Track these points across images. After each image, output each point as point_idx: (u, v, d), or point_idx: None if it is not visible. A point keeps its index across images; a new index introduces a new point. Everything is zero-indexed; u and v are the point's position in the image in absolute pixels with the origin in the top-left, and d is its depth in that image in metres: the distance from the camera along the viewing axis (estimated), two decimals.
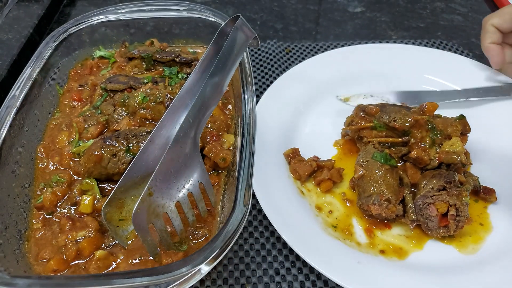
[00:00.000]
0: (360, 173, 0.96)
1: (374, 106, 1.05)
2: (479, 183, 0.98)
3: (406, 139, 1.02)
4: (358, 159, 1.01)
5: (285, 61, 1.37)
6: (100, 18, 1.14)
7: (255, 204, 0.98)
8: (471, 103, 1.18)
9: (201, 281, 0.86)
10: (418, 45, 1.42)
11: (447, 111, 1.06)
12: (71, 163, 0.92)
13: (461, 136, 0.99)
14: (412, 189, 0.97)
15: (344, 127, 1.11)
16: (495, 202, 0.97)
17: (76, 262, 0.78)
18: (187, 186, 0.75)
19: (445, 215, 0.89)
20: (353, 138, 1.10)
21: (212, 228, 0.83)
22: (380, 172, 0.94)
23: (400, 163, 1.04)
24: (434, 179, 0.92)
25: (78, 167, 0.90)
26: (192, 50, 1.22)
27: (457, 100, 1.17)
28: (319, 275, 0.88)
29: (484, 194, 0.97)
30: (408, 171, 1.00)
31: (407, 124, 1.00)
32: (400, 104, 1.11)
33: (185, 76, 1.07)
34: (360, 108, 1.08)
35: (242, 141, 0.81)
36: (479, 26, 1.05)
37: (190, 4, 1.15)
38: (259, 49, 1.41)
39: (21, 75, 0.96)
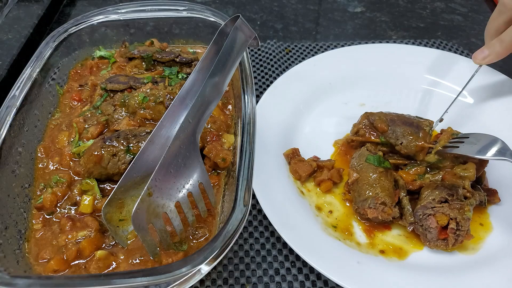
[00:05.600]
0: (354, 177, 0.95)
1: (383, 122, 1.02)
2: (485, 199, 0.95)
3: (413, 162, 1.01)
4: (352, 162, 1.00)
5: (285, 61, 1.37)
6: (100, 18, 1.14)
7: (255, 204, 0.98)
8: (472, 103, 1.18)
9: (201, 281, 0.86)
10: (418, 45, 1.42)
11: (453, 114, 1.05)
12: (71, 163, 0.92)
13: (479, 164, 0.95)
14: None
15: (350, 135, 1.08)
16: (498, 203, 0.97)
17: (77, 262, 0.77)
18: (187, 186, 0.75)
19: (445, 228, 0.87)
20: (357, 146, 1.07)
21: (212, 228, 0.83)
22: (375, 175, 0.94)
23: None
24: (436, 190, 0.89)
25: (78, 167, 0.90)
26: (192, 50, 1.21)
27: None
28: (319, 275, 0.88)
29: (487, 196, 0.96)
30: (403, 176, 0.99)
31: (412, 149, 0.99)
32: (411, 118, 1.04)
33: (185, 76, 1.07)
34: (368, 118, 1.05)
35: (242, 141, 0.81)
36: (479, 26, 1.04)
37: (190, 4, 1.15)
38: (259, 49, 1.41)
39: (21, 75, 0.96)
